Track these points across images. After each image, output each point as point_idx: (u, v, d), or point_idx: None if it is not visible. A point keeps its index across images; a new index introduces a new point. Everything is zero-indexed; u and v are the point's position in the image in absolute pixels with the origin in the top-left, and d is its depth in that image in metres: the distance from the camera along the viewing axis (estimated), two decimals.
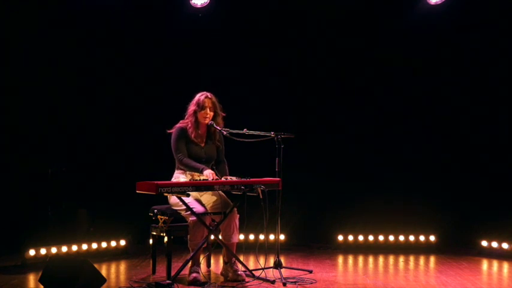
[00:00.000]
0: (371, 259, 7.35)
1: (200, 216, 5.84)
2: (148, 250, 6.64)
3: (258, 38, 8.24)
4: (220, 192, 5.93)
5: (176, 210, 6.02)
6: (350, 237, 7.85)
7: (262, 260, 6.10)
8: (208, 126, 6.15)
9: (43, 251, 6.74)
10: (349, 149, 8.26)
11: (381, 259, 7.34)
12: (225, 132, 6.09)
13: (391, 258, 7.40)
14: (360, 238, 7.85)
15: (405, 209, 7.84)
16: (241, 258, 6.03)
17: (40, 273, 5.55)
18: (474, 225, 7.76)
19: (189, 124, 6.08)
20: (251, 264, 6.69)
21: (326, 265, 6.92)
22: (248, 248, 6.47)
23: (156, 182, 5.58)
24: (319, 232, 8.14)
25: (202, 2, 8.02)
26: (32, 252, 6.68)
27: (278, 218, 6.11)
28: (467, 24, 8.06)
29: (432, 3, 7.99)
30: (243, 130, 6.08)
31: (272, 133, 6.11)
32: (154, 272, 6.32)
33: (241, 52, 8.18)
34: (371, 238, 7.84)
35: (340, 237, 7.86)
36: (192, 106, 6.10)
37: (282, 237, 7.65)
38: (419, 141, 8.22)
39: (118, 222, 7.43)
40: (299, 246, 7.94)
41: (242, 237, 7.21)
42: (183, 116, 6.16)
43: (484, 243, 7.53)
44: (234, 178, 5.96)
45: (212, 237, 6.11)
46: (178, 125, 6.12)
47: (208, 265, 6.54)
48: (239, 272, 5.96)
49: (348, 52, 8.27)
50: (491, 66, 8.09)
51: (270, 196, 5.89)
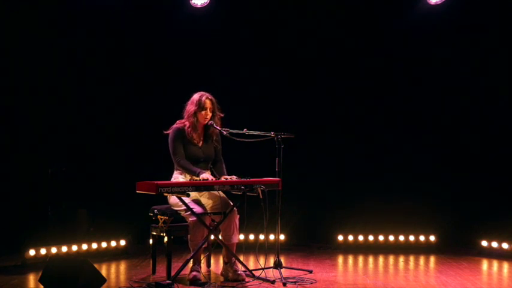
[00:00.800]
0: (371, 259, 7.34)
1: (200, 216, 5.84)
2: (148, 250, 6.64)
3: (258, 38, 8.25)
4: (220, 192, 5.93)
5: (176, 210, 6.02)
6: (350, 237, 7.85)
7: (262, 260, 6.11)
8: (206, 126, 6.14)
9: (43, 251, 6.74)
10: (349, 149, 8.26)
11: (381, 259, 7.33)
12: (225, 132, 6.08)
13: (391, 258, 7.40)
14: (360, 238, 7.85)
15: (405, 209, 7.83)
16: (241, 258, 6.03)
17: (40, 273, 5.54)
18: (474, 225, 7.76)
19: (188, 124, 6.07)
20: (251, 264, 6.69)
21: (326, 265, 6.92)
22: (248, 248, 6.46)
23: (156, 182, 5.58)
24: (319, 232, 8.15)
25: (202, 2, 8.02)
26: (32, 252, 6.68)
27: (278, 218, 6.10)
28: (467, 24, 8.07)
29: (432, 3, 7.99)
30: (243, 130, 6.08)
31: (272, 133, 6.11)
32: (154, 272, 6.32)
33: (241, 52, 8.19)
34: (371, 238, 7.84)
35: (340, 237, 7.86)
36: (192, 106, 6.07)
37: (282, 237, 7.65)
38: (419, 141, 8.21)
39: (118, 222, 7.42)
40: (299, 246, 7.93)
41: (242, 237, 7.20)
42: (182, 116, 6.16)
43: (484, 243, 7.53)
44: (234, 177, 5.97)
45: (212, 237, 6.11)
46: (175, 126, 6.11)
47: (208, 265, 6.54)
48: (239, 272, 5.95)
49: (348, 52, 8.28)
50: (491, 66, 8.09)
51: (270, 196, 5.89)
